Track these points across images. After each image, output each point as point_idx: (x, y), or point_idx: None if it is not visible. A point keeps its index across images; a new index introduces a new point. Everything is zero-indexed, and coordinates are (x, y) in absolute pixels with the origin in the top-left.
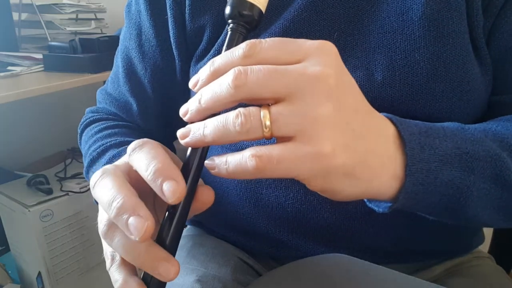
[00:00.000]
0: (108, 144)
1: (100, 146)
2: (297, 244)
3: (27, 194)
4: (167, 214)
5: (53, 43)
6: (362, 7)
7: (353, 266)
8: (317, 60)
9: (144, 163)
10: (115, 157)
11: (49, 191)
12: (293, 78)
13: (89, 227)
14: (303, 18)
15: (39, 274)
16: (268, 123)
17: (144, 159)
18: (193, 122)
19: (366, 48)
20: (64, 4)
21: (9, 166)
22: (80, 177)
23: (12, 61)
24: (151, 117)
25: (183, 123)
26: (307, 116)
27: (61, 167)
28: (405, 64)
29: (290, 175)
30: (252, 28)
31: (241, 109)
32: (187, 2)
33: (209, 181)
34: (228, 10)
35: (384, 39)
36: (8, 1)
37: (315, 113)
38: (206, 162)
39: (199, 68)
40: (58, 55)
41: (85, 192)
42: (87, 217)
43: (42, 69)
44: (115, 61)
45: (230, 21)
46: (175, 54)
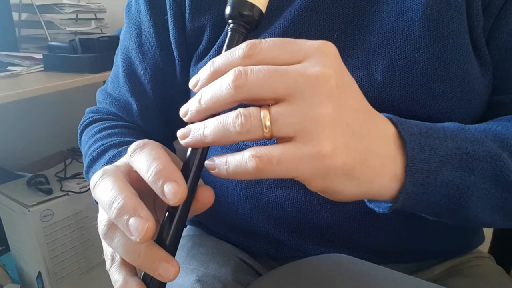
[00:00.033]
0: (108, 144)
1: (100, 146)
2: (297, 244)
3: (27, 194)
4: (167, 214)
5: (53, 43)
6: (362, 7)
7: (353, 266)
8: (317, 60)
9: (145, 164)
10: (115, 157)
11: (49, 191)
12: (293, 78)
13: (89, 227)
14: (303, 18)
15: (39, 274)
16: (268, 124)
17: (145, 160)
18: (193, 122)
19: (366, 48)
20: (64, 4)
21: (9, 166)
22: (80, 177)
23: (12, 61)
24: (151, 117)
25: (183, 123)
26: (307, 116)
27: (61, 167)
28: (405, 64)
29: (290, 175)
30: (252, 28)
31: (241, 110)
32: (187, 2)
33: (209, 181)
34: (228, 10)
35: (384, 39)
36: (8, 1)
37: (315, 113)
38: (206, 162)
39: (199, 68)
40: (58, 55)
41: (85, 192)
42: (87, 217)
43: (42, 69)
44: (115, 61)
45: (230, 21)
46: (175, 54)
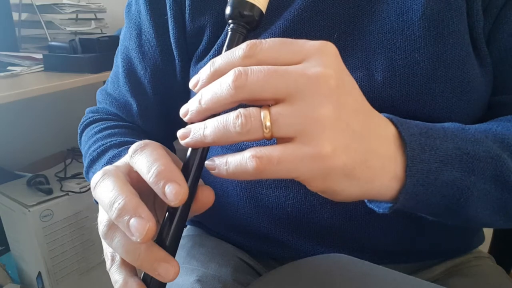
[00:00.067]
0: (108, 144)
1: (100, 146)
2: (297, 244)
3: (27, 194)
4: (167, 214)
5: (53, 43)
6: (362, 7)
7: (353, 266)
8: (318, 60)
9: (146, 165)
10: (115, 157)
11: (49, 191)
12: (293, 78)
13: (89, 227)
14: (303, 18)
15: (39, 274)
16: (268, 124)
17: (146, 161)
18: (193, 122)
19: (366, 48)
20: (64, 4)
21: (9, 166)
22: (80, 177)
23: (12, 61)
24: (151, 117)
25: (183, 123)
26: (308, 116)
27: (61, 167)
28: (405, 64)
29: (290, 176)
30: (252, 28)
31: (241, 110)
32: (187, 2)
33: (209, 181)
34: (228, 10)
35: (384, 39)
36: (8, 1)
37: (315, 113)
38: (206, 162)
39: (199, 68)
40: (58, 55)
41: (85, 192)
42: (87, 217)
43: (42, 69)
44: (115, 61)
45: (230, 21)
46: (175, 54)
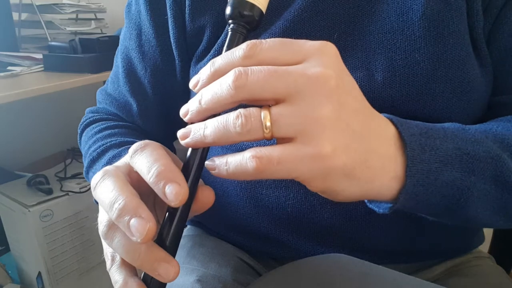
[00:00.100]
0: (108, 144)
1: (100, 146)
2: (297, 244)
3: (27, 194)
4: (167, 214)
5: (53, 43)
6: (362, 8)
7: (353, 266)
8: (318, 61)
9: (146, 165)
10: (115, 157)
11: (49, 191)
12: (293, 79)
13: (89, 227)
14: (303, 18)
15: (39, 274)
16: (268, 124)
17: (146, 161)
18: (193, 122)
19: (366, 48)
20: (64, 4)
21: (9, 166)
22: (80, 177)
23: (12, 61)
24: (151, 117)
25: (183, 123)
26: (308, 117)
27: (61, 167)
28: (405, 64)
29: (290, 176)
30: (252, 28)
31: (241, 110)
32: (187, 2)
33: (209, 181)
34: (228, 10)
35: (384, 40)
36: (8, 1)
37: (315, 114)
38: (206, 162)
39: (199, 68)
40: (58, 55)
41: (85, 192)
42: (87, 217)
43: (42, 69)
44: (115, 61)
45: (230, 21)
46: (175, 54)
